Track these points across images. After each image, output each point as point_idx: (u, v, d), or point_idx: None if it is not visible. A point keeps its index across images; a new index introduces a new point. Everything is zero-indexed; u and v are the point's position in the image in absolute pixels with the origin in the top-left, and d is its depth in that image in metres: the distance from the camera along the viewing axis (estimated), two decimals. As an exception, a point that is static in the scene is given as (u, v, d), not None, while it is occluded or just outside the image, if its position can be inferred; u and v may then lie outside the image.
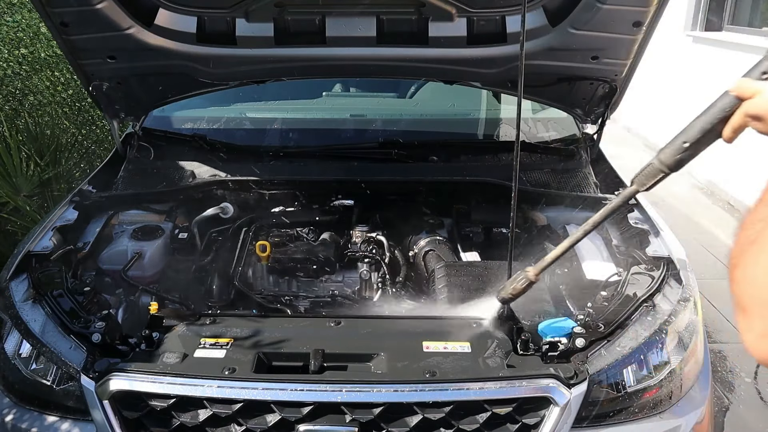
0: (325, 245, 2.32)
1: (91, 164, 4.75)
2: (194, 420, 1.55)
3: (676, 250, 2.03)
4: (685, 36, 6.60)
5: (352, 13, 2.14)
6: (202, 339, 1.69)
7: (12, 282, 1.92)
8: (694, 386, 1.81)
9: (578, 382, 1.56)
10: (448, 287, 1.97)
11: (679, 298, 1.84)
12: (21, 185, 3.62)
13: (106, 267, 2.20)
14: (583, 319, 1.78)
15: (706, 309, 3.75)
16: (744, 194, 5.44)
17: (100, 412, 1.57)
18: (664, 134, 5.85)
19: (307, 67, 2.37)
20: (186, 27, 2.18)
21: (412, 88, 3.18)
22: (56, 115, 4.74)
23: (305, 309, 2.16)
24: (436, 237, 2.37)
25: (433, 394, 1.53)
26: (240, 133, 2.95)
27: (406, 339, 1.70)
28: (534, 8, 2.11)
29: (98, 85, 2.42)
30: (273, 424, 1.53)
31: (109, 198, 2.44)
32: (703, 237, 4.86)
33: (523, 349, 1.66)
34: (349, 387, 1.53)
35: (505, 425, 1.56)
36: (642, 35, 2.12)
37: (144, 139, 2.82)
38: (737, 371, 3.26)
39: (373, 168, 2.63)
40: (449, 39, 2.20)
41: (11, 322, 1.80)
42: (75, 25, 2.11)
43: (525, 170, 2.62)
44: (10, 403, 1.76)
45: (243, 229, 2.38)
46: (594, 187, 2.56)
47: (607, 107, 2.52)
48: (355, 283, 2.30)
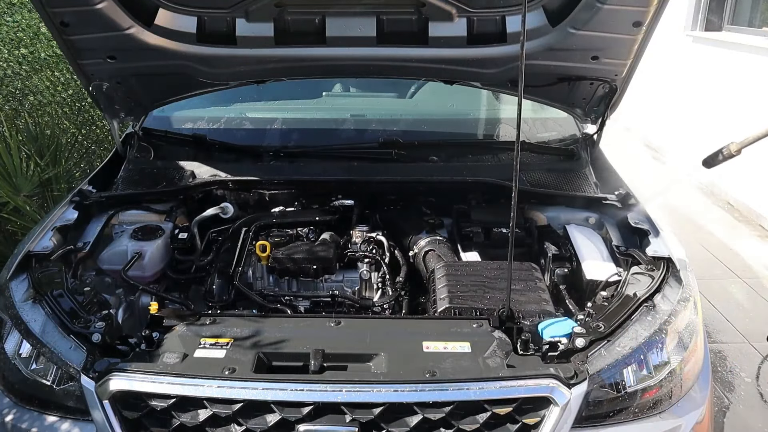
0: (325, 245, 2.32)
1: (91, 164, 4.75)
2: (194, 420, 1.55)
3: (676, 250, 2.03)
4: (685, 36, 6.61)
5: (352, 13, 2.14)
6: (202, 339, 1.69)
7: (12, 282, 1.92)
8: (694, 386, 1.81)
9: (578, 382, 1.56)
10: (448, 287, 1.97)
11: (679, 298, 1.84)
12: (21, 185, 3.62)
13: (106, 267, 2.21)
14: (583, 319, 1.79)
15: (706, 309, 3.75)
16: (744, 194, 5.44)
17: (100, 412, 1.57)
18: (664, 134, 5.89)
19: (307, 67, 2.37)
20: (186, 27, 2.18)
21: (412, 88, 3.18)
22: (56, 115, 4.74)
23: (305, 309, 2.16)
24: (436, 237, 2.37)
25: (433, 394, 1.53)
26: (240, 133, 2.95)
27: (406, 339, 1.70)
28: (534, 8, 2.12)
29: (98, 85, 2.42)
30: (273, 424, 1.53)
31: (109, 198, 2.44)
32: (703, 237, 4.86)
33: (523, 349, 1.66)
34: (349, 387, 1.53)
35: (505, 425, 1.56)
36: (642, 35, 2.12)
37: (144, 139, 2.83)
38: (737, 371, 3.26)
39: (373, 168, 2.63)
40: (449, 39, 2.20)
41: (11, 322, 1.80)
42: (75, 25, 2.11)
43: (525, 170, 2.62)
44: (10, 403, 1.76)
45: (243, 229, 2.38)
46: (594, 187, 2.56)
47: (607, 107, 2.52)
48: (355, 283, 2.31)
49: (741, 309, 3.88)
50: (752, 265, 4.46)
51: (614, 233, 2.27)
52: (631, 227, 2.22)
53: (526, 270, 2.07)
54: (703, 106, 6.12)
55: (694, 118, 6.34)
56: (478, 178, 2.54)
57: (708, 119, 6.02)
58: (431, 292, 2.06)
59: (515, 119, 1.61)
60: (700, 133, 6.16)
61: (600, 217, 2.39)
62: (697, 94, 6.29)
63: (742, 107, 5.40)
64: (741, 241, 4.88)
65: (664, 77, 7.06)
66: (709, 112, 6.00)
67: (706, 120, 6.05)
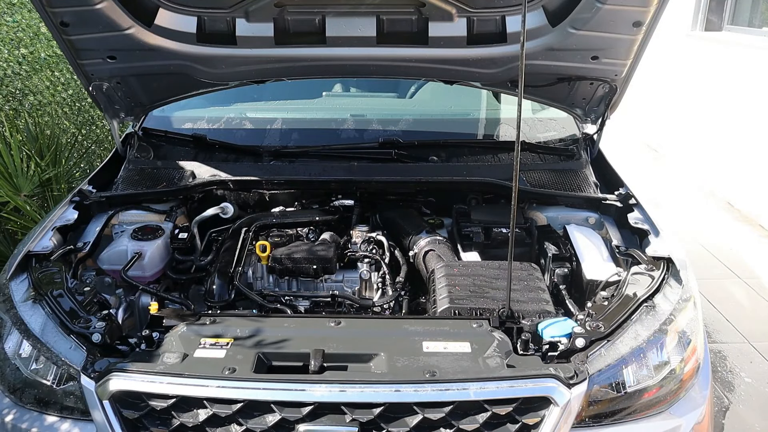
0: (325, 245, 2.32)
1: (91, 164, 4.75)
2: (194, 420, 1.55)
3: (676, 250, 2.03)
4: (685, 36, 6.61)
5: (352, 13, 2.14)
6: (202, 339, 1.69)
7: (12, 282, 1.92)
8: (694, 386, 1.81)
9: (578, 382, 1.56)
10: (448, 287, 1.97)
11: (679, 298, 1.85)
12: (21, 185, 3.62)
13: (106, 267, 2.21)
14: (583, 319, 1.79)
15: (706, 309, 3.75)
16: (744, 194, 5.44)
17: (100, 412, 1.57)
18: (664, 134, 5.90)
19: (307, 67, 2.37)
20: (186, 27, 2.18)
21: (412, 88, 3.18)
22: (56, 115, 4.73)
23: (305, 309, 2.16)
24: (436, 237, 2.37)
25: (433, 394, 1.53)
26: (240, 133, 2.95)
27: (406, 339, 1.70)
28: (534, 8, 2.12)
29: (98, 85, 2.42)
30: (273, 424, 1.53)
31: (109, 198, 2.44)
32: (703, 237, 4.86)
33: (523, 349, 1.66)
34: (349, 387, 1.53)
35: (505, 425, 1.56)
36: (642, 35, 2.12)
37: (144, 139, 2.83)
38: (737, 371, 3.26)
39: (373, 168, 2.63)
40: (449, 39, 2.21)
41: (11, 322, 1.80)
42: (75, 25, 2.11)
43: (525, 170, 2.62)
44: (10, 403, 1.76)
45: (243, 229, 2.38)
46: (594, 187, 2.57)
47: (607, 107, 2.52)
48: (355, 283, 2.31)
49: (741, 309, 3.88)
50: (752, 265, 4.46)
51: (614, 233, 2.28)
52: (631, 227, 2.22)
53: (526, 270, 2.07)
54: (702, 106, 6.12)
55: (694, 118, 6.34)
56: (478, 178, 2.54)
57: (708, 119, 6.02)
58: (431, 292, 2.06)
59: (515, 119, 1.61)
60: (700, 133, 6.16)
61: (600, 217, 2.39)
62: (697, 94, 6.29)
63: (742, 107, 5.40)
64: (741, 241, 4.88)
65: (664, 77, 7.06)
66: (709, 112, 6.00)
67: (707, 120, 6.05)
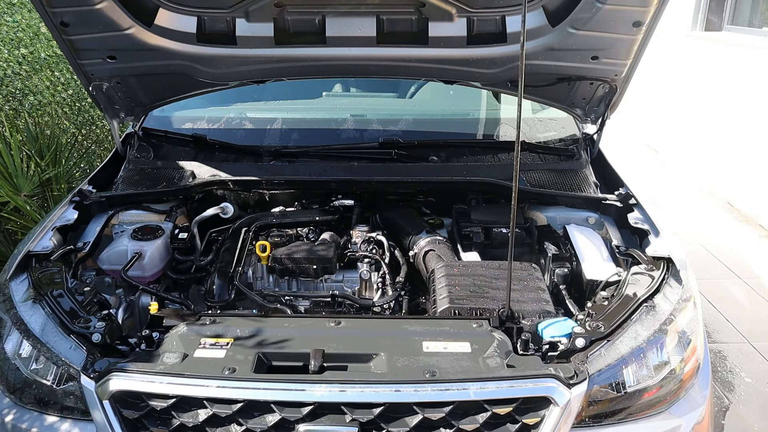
0: (325, 245, 2.32)
1: (91, 164, 4.75)
2: (194, 420, 1.55)
3: (676, 250, 2.03)
4: (685, 36, 6.61)
5: (352, 13, 2.14)
6: (202, 339, 1.69)
7: (12, 282, 1.92)
8: (694, 386, 1.81)
9: (578, 382, 1.57)
10: (448, 287, 1.97)
11: (679, 298, 1.85)
12: (21, 185, 3.63)
13: (106, 267, 2.21)
14: (583, 319, 1.79)
15: (706, 309, 3.75)
16: (744, 194, 5.44)
17: (100, 412, 1.57)
18: (664, 134, 5.90)
19: (307, 67, 2.37)
20: (186, 27, 2.18)
21: (412, 88, 3.18)
22: (56, 115, 4.73)
23: (305, 309, 2.16)
24: (436, 237, 2.37)
25: (433, 394, 1.53)
26: (240, 133, 2.95)
27: (406, 339, 1.70)
28: (534, 8, 2.12)
29: (98, 85, 2.42)
30: (273, 424, 1.53)
31: (109, 198, 2.44)
32: (703, 237, 4.86)
33: (523, 349, 1.66)
34: (349, 387, 1.53)
35: (505, 425, 1.56)
36: (642, 35, 2.12)
37: (144, 139, 2.83)
38: (737, 371, 3.26)
39: (373, 168, 2.63)
40: (449, 39, 2.21)
41: (11, 322, 1.80)
42: (75, 25, 2.11)
43: (525, 170, 2.62)
44: (10, 403, 1.76)
45: (243, 229, 2.38)
46: (594, 187, 2.57)
47: (607, 107, 2.52)
48: (355, 283, 2.31)
49: (741, 309, 3.88)
50: (752, 265, 4.46)
51: (614, 233, 2.28)
52: (631, 227, 2.22)
53: (526, 270, 2.07)
54: (702, 107, 6.12)
55: (694, 118, 6.33)
56: (478, 178, 2.54)
57: (708, 119, 6.02)
58: (431, 292, 2.06)
59: (515, 119, 1.61)
60: (701, 133, 6.16)
61: (600, 217, 2.39)
62: (697, 94, 6.28)
63: (742, 107, 5.40)
64: (741, 241, 4.88)
65: (664, 77, 7.06)
66: (709, 112, 6.00)
67: (707, 120, 6.05)
